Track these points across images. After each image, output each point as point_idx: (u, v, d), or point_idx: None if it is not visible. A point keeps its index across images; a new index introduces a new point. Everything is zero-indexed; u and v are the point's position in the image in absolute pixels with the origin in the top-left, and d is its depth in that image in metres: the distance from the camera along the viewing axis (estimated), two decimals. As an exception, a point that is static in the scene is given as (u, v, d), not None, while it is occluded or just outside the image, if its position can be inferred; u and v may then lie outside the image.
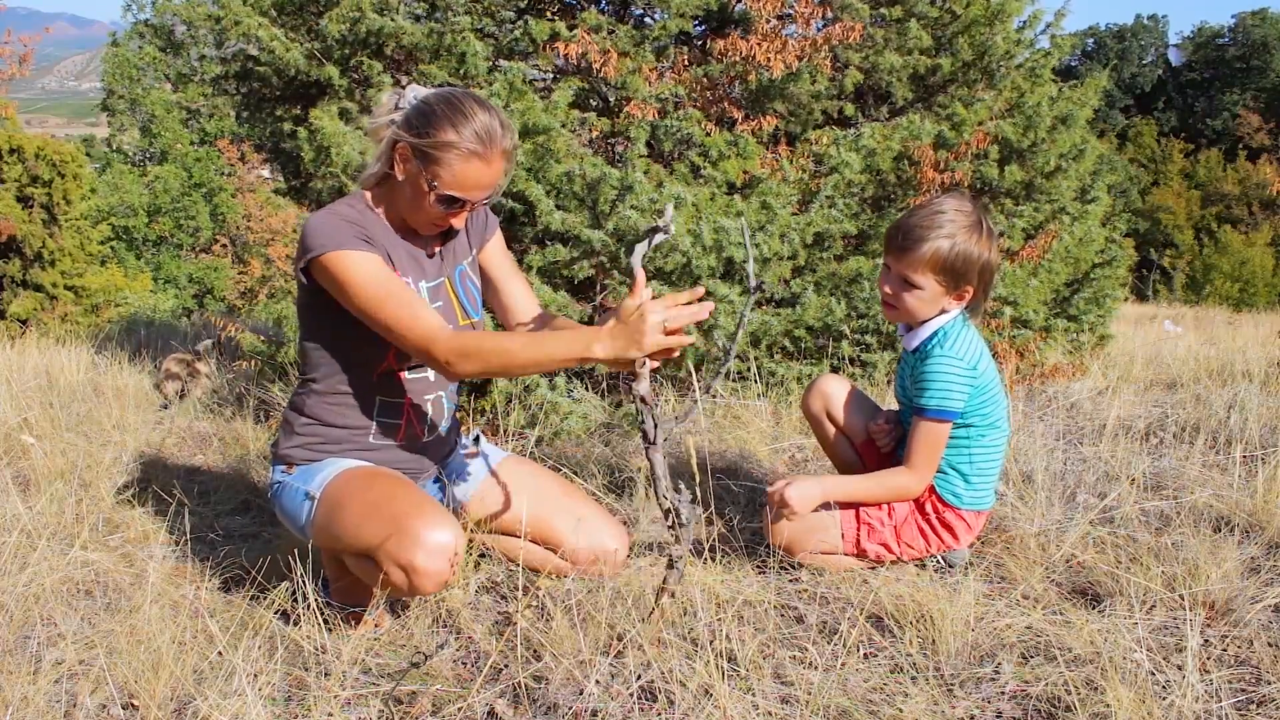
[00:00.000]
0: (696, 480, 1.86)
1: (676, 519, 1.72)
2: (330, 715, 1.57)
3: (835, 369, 3.53)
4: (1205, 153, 37.09)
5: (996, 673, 1.68)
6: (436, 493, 2.16)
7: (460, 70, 3.47)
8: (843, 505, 2.10)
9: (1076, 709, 1.54)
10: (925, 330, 2.06)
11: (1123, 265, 4.79)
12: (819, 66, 3.62)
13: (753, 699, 1.55)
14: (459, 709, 1.59)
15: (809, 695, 1.58)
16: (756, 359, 3.47)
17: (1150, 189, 34.83)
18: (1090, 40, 53.72)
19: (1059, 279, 4.24)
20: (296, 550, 2.02)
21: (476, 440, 2.26)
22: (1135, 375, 4.03)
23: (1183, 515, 2.32)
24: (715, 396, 3.41)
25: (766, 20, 3.65)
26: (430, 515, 1.75)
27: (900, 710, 1.57)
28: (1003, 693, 1.63)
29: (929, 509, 2.11)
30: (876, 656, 1.76)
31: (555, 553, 2.06)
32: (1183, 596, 1.86)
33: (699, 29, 3.99)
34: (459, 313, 2.03)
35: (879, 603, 1.91)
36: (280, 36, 3.67)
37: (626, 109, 3.52)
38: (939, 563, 2.13)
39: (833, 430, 2.33)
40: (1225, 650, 1.75)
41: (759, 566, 2.14)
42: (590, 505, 2.13)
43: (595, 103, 3.90)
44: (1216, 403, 3.29)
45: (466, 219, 2.06)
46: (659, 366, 1.78)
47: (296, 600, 1.85)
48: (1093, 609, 1.90)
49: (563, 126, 3.33)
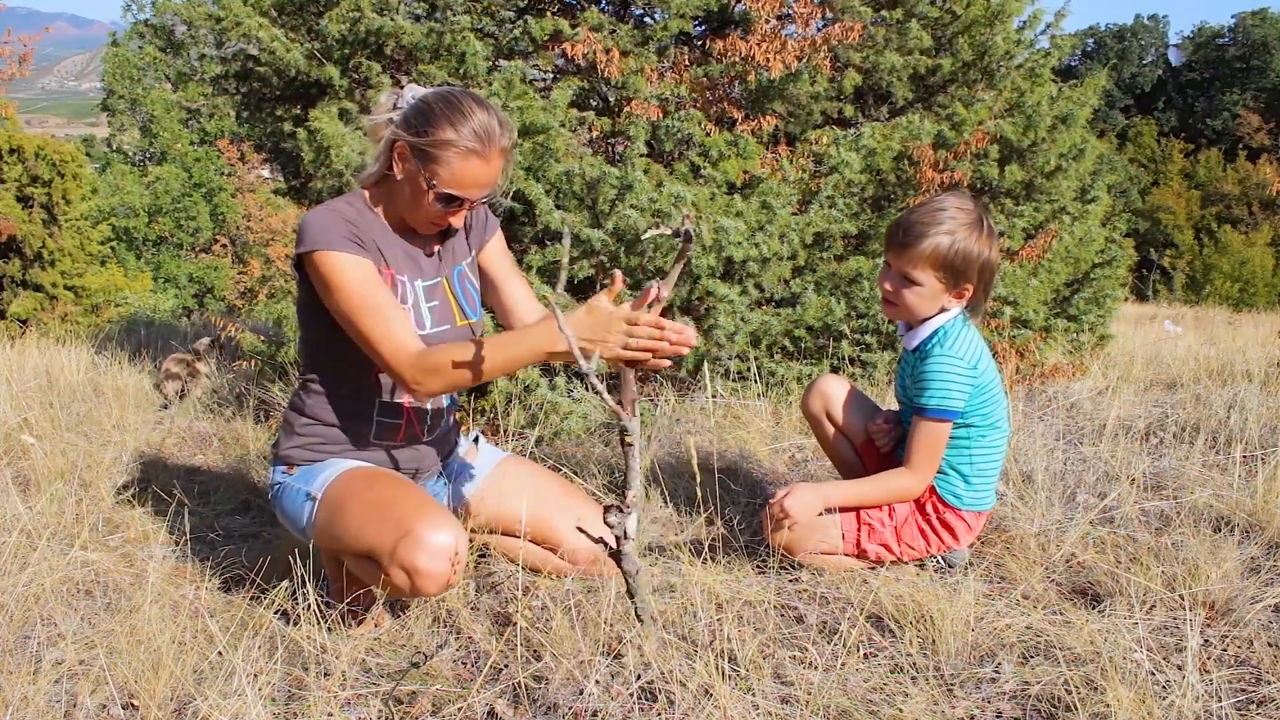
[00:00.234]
0: (697, 480, 1.86)
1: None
2: (330, 715, 1.57)
3: (835, 369, 3.53)
4: (1205, 153, 37.09)
5: (996, 673, 1.68)
6: (437, 493, 2.16)
7: (460, 70, 3.47)
8: (843, 508, 2.10)
9: (1076, 709, 1.54)
10: (925, 329, 2.06)
11: (1123, 265, 4.79)
12: (818, 67, 3.62)
13: (753, 699, 1.55)
14: (459, 709, 1.59)
15: (809, 695, 1.58)
16: (756, 359, 3.47)
17: (1150, 189, 34.85)
18: (1090, 40, 53.74)
19: (1059, 279, 4.24)
20: (296, 550, 2.02)
21: (476, 440, 2.26)
22: (1135, 375, 4.03)
23: (1183, 515, 2.32)
24: (715, 397, 3.41)
25: (766, 20, 3.66)
26: (432, 516, 1.75)
27: (900, 710, 1.57)
28: (1003, 693, 1.63)
29: (929, 509, 2.11)
30: (876, 656, 1.76)
31: (555, 553, 2.06)
32: (1183, 596, 1.86)
33: (699, 29, 4.00)
34: (456, 313, 2.02)
35: (879, 603, 1.91)
36: (280, 37, 3.67)
37: (627, 108, 3.52)
38: (939, 563, 2.13)
39: (832, 430, 2.33)
40: (1225, 650, 1.75)
41: (759, 566, 2.14)
42: (590, 505, 2.13)
43: (595, 102, 3.91)
44: (1216, 403, 3.29)
45: (466, 219, 2.07)
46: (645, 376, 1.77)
47: (296, 600, 1.85)
48: (1093, 609, 1.90)
49: (562, 126, 3.33)
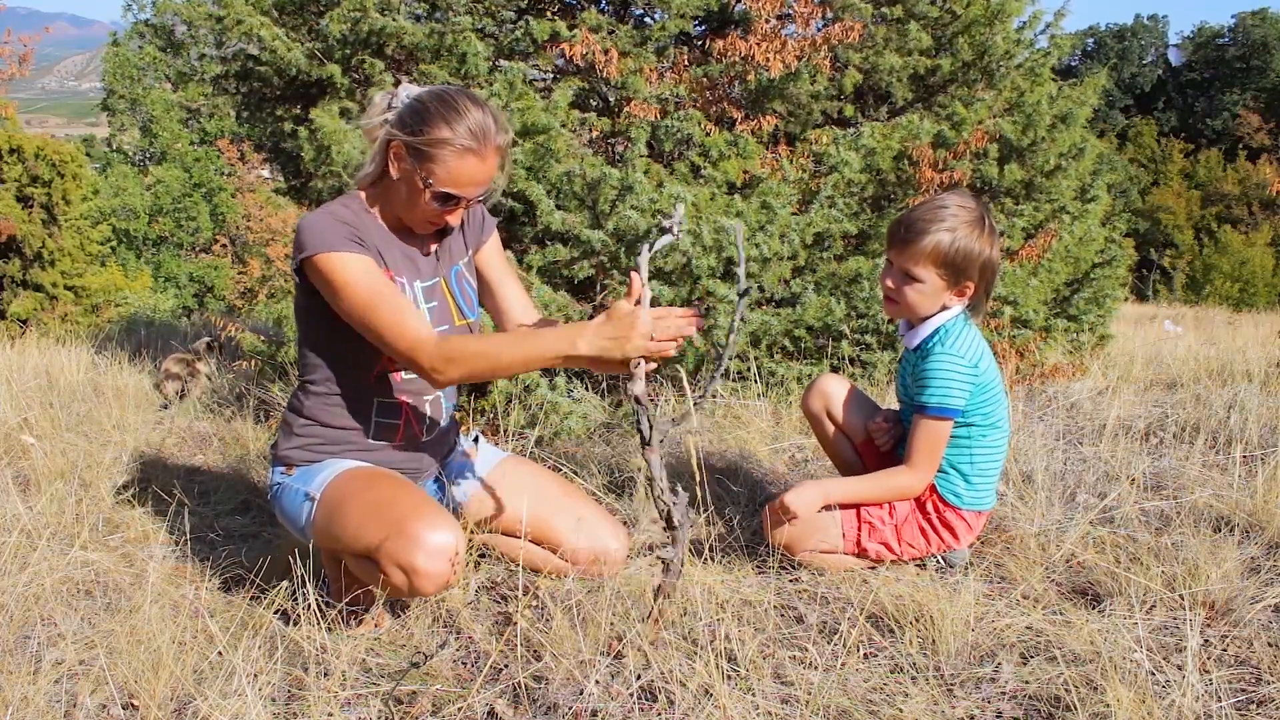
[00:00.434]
0: (697, 480, 1.86)
1: (669, 522, 1.72)
2: (330, 715, 1.57)
3: (835, 369, 3.53)
4: (1205, 153, 37.10)
5: (996, 673, 1.68)
6: (436, 493, 2.16)
7: (461, 70, 3.47)
8: (843, 505, 2.10)
9: (1076, 709, 1.54)
10: (926, 328, 2.06)
11: (1122, 265, 4.79)
12: (818, 66, 3.62)
13: (753, 699, 1.55)
14: (459, 709, 1.59)
15: (809, 695, 1.58)
16: (756, 359, 3.47)
17: (1150, 189, 34.85)
18: (1090, 40, 53.74)
19: (1059, 278, 4.24)
20: (296, 550, 2.02)
21: (476, 440, 2.26)
22: (1135, 375, 4.02)
23: (1183, 515, 2.32)
24: (715, 397, 3.41)
25: (766, 20, 3.65)
26: (430, 516, 1.75)
27: (900, 710, 1.57)
28: (1003, 693, 1.63)
29: (930, 508, 2.11)
30: (876, 656, 1.76)
31: (555, 553, 2.06)
32: (1183, 596, 1.86)
33: (699, 29, 4.00)
34: (455, 312, 2.02)
35: (879, 603, 1.91)
36: (281, 36, 3.67)
37: (627, 109, 3.52)
38: (939, 563, 2.13)
39: (833, 429, 2.33)
40: (1225, 650, 1.75)
41: (759, 566, 2.14)
42: (590, 505, 2.13)
43: (595, 103, 3.90)
44: (1216, 403, 3.29)
45: (463, 219, 2.07)
46: (656, 367, 1.78)
47: (296, 600, 1.85)
48: (1093, 609, 1.90)
49: (563, 126, 3.33)
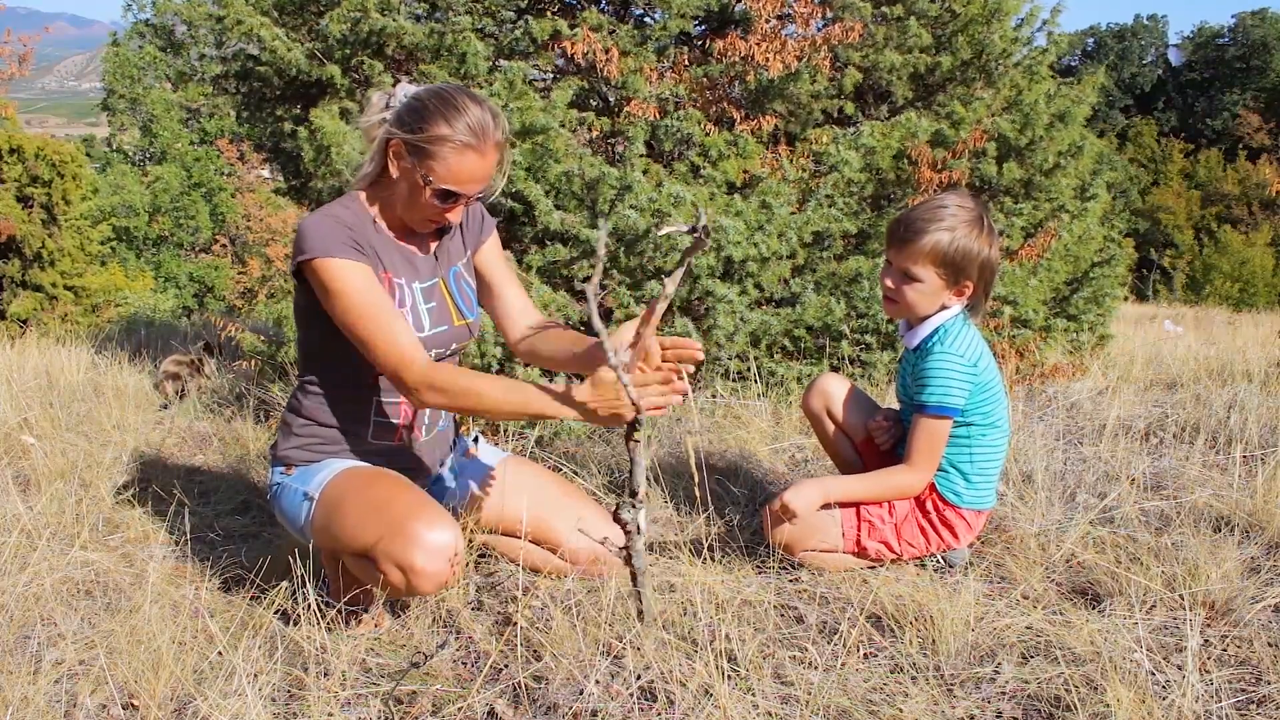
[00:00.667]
0: (696, 480, 1.86)
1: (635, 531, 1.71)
2: (330, 715, 1.57)
3: (835, 369, 3.53)
4: (1205, 153, 37.09)
5: (996, 673, 1.68)
6: (436, 493, 2.16)
7: (461, 70, 3.47)
8: (843, 504, 2.10)
9: (1076, 709, 1.54)
10: (926, 328, 2.07)
11: (1122, 264, 4.79)
12: (818, 66, 3.62)
13: (753, 699, 1.55)
14: (459, 709, 1.59)
15: (809, 695, 1.58)
16: (756, 359, 3.47)
17: (1150, 189, 34.84)
18: (1090, 40, 53.74)
19: (1059, 278, 4.24)
20: (296, 550, 2.02)
21: (476, 440, 2.26)
22: (1135, 375, 4.02)
23: (1183, 515, 2.32)
24: (715, 396, 3.41)
25: (766, 20, 3.65)
26: (429, 515, 1.75)
27: (900, 710, 1.57)
28: (1003, 693, 1.63)
29: (929, 507, 2.11)
30: (876, 656, 1.76)
31: (555, 553, 2.06)
32: (1183, 596, 1.86)
33: (699, 29, 4.00)
34: (454, 313, 2.02)
35: (879, 603, 1.91)
36: (281, 36, 3.67)
37: (627, 108, 3.52)
38: (939, 562, 2.13)
39: (833, 429, 2.33)
40: (1225, 650, 1.75)
41: (759, 566, 2.13)
42: (590, 505, 2.13)
43: (595, 102, 3.90)
44: (1216, 403, 3.29)
45: (463, 220, 2.07)
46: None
47: (296, 600, 1.85)
48: (1093, 609, 1.90)
49: (562, 126, 3.33)
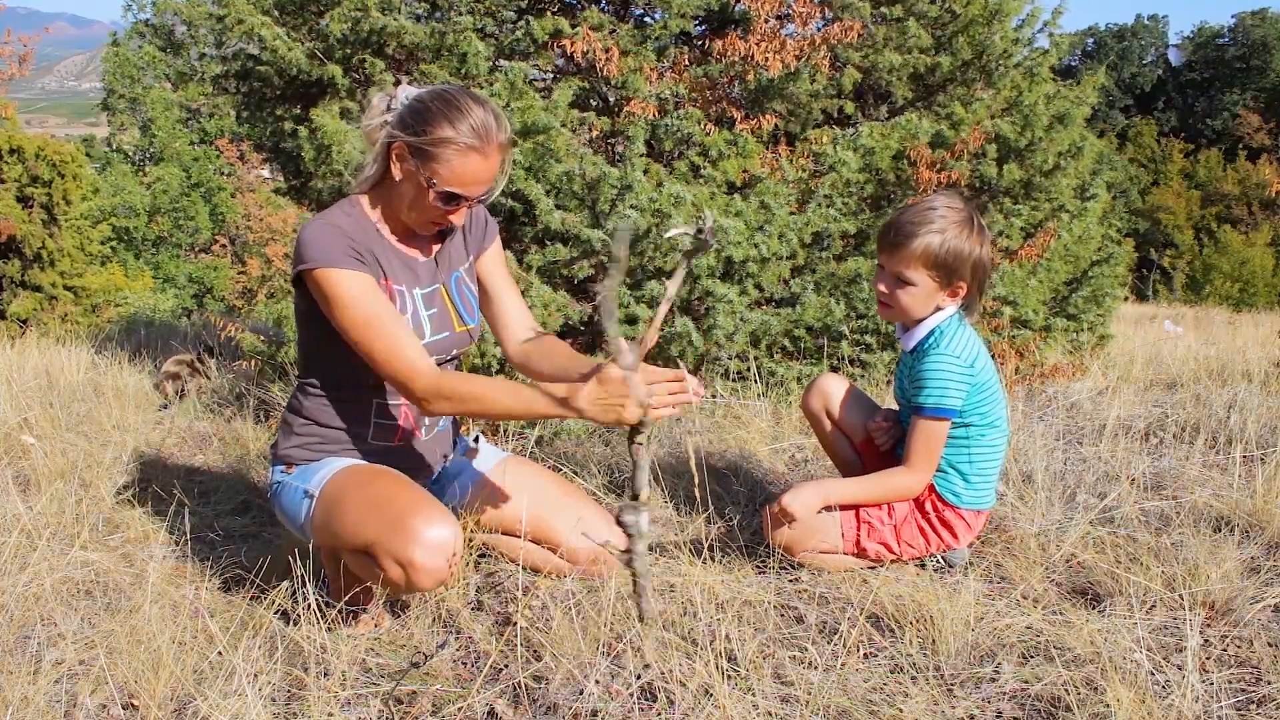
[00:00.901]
0: (696, 480, 1.86)
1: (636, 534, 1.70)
2: (330, 715, 1.57)
3: (835, 369, 3.53)
4: (1205, 153, 37.07)
5: (996, 673, 1.68)
6: (436, 492, 2.16)
7: (461, 70, 3.47)
8: (843, 506, 2.10)
9: (1076, 709, 1.54)
10: (922, 329, 2.07)
11: (1122, 264, 4.79)
12: (817, 66, 3.62)
13: (753, 699, 1.55)
14: (459, 709, 1.59)
15: (809, 695, 1.58)
16: (756, 359, 3.47)
17: (1150, 189, 34.83)
18: (1090, 40, 53.74)
19: (1058, 278, 4.24)
20: (296, 550, 2.02)
21: (476, 440, 2.26)
22: (1135, 375, 4.02)
23: (1183, 515, 2.32)
24: (715, 396, 3.41)
25: (765, 20, 3.65)
26: (428, 512, 1.75)
27: (900, 710, 1.57)
28: (1003, 693, 1.63)
29: (929, 508, 2.11)
30: (876, 656, 1.76)
31: (555, 552, 2.06)
32: (1183, 596, 1.86)
33: (699, 29, 4.00)
34: (455, 319, 2.02)
35: (879, 603, 1.91)
36: (282, 36, 3.67)
37: (627, 108, 3.52)
38: (939, 563, 2.13)
39: (832, 429, 2.33)
40: (1225, 650, 1.75)
41: (759, 566, 2.14)
42: (590, 505, 2.13)
43: (595, 102, 3.90)
44: (1216, 403, 3.29)
45: (466, 223, 2.06)
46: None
47: (296, 600, 1.85)
48: (1093, 609, 1.90)
49: (563, 126, 3.33)
